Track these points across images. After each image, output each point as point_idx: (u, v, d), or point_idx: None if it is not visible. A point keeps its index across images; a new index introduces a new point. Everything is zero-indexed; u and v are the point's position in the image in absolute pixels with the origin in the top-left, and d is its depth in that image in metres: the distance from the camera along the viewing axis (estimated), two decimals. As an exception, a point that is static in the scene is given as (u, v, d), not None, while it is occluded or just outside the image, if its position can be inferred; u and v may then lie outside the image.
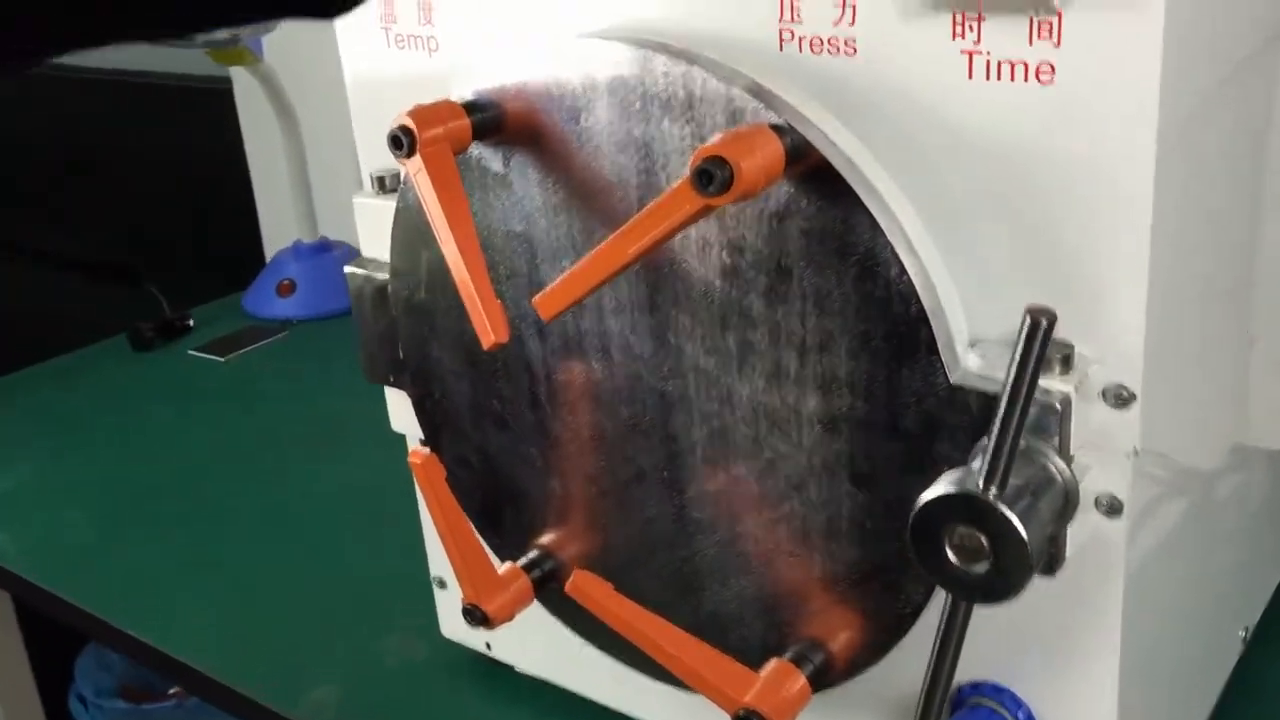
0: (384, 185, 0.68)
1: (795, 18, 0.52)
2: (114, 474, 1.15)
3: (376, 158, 0.70)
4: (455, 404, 0.67)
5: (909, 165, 0.51)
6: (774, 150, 0.49)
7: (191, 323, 1.48)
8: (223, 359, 1.40)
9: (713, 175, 0.47)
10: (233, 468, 1.14)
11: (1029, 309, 0.45)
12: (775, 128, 0.50)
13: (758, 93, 0.51)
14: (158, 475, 1.14)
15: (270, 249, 1.69)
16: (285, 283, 1.51)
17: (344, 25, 0.67)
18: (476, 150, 0.60)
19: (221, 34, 1.20)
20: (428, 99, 0.66)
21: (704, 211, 0.48)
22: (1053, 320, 0.45)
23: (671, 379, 0.58)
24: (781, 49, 0.53)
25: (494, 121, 0.59)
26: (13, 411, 1.30)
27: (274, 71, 1.33)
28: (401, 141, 0.56)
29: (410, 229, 0.64)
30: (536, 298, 0.54)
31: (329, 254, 1.54)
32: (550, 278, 0.59)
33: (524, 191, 0.59)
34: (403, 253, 0.66)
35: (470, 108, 0.58)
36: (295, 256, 1.53)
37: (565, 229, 0.59)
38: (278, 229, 1.65)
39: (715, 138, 0.48)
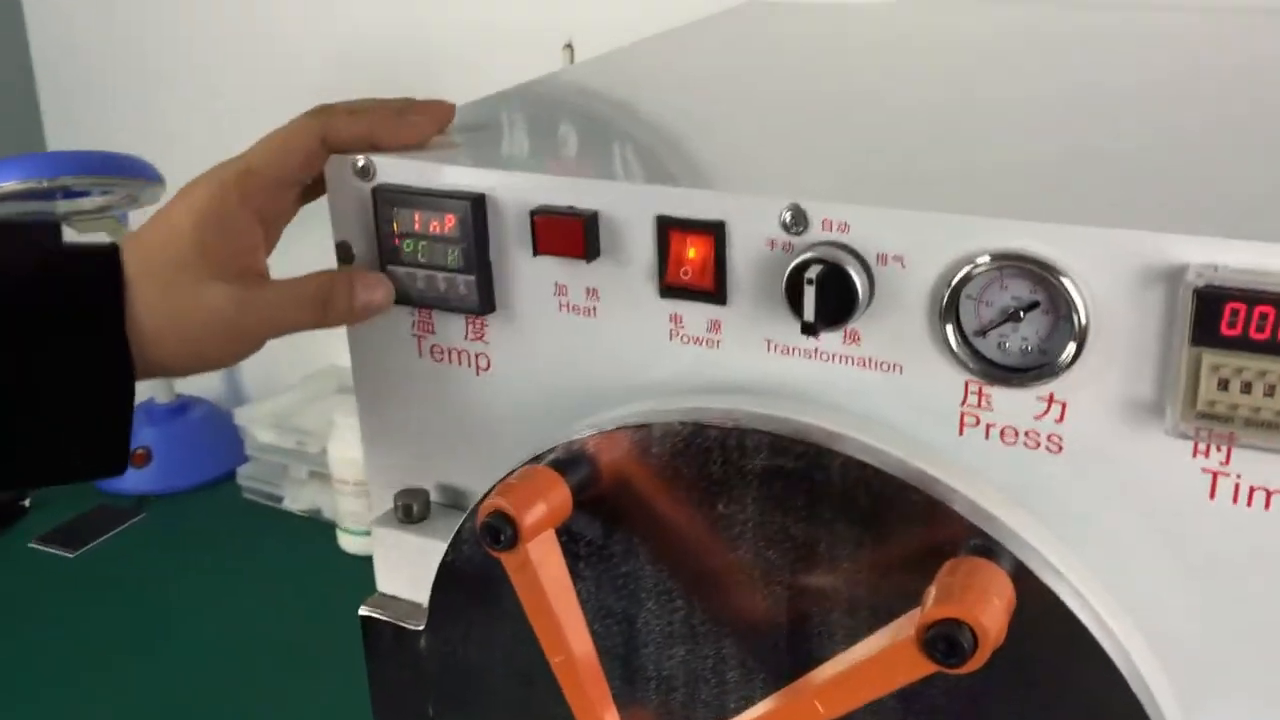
0: (410, 514, 0.57)
1: (984, 404, 0.45)
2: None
3: (396, 475, 0.58)
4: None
5: (1131, 584, 0.44)
6: (1007, 598, 0.41)
7: (28, 503, 1.29)
8: (71, 554, 1.22)
9: (954, 643, 0.39)
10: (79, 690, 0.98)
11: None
12: (983, 549, 0.42)
13: (955, 500, 0.44)
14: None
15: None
16: (139, 452, 1.33)
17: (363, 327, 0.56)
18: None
19: (88, 204, 1.04)
20: (474, 424, 0.56)
21: (932, 675, 0.40)
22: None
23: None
24: (962, 433, 0.45)
25: (593, 488, 0.49)
26: None
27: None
28: (500, 533, 0.46)
29: (465, 584, 0.54)
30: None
31: (188, 415, 1.38)
32: (658, 666, 0.50)
33: (629, 568, 0.50)
34: (449, 608, 0.55)
35: (563, 467, 0.49)
36: (149, 419, 1.36)
37: (682, 616, 0.49)
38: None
39: (940, 591, 0.40)
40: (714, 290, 0.48)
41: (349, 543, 1.21)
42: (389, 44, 1.29)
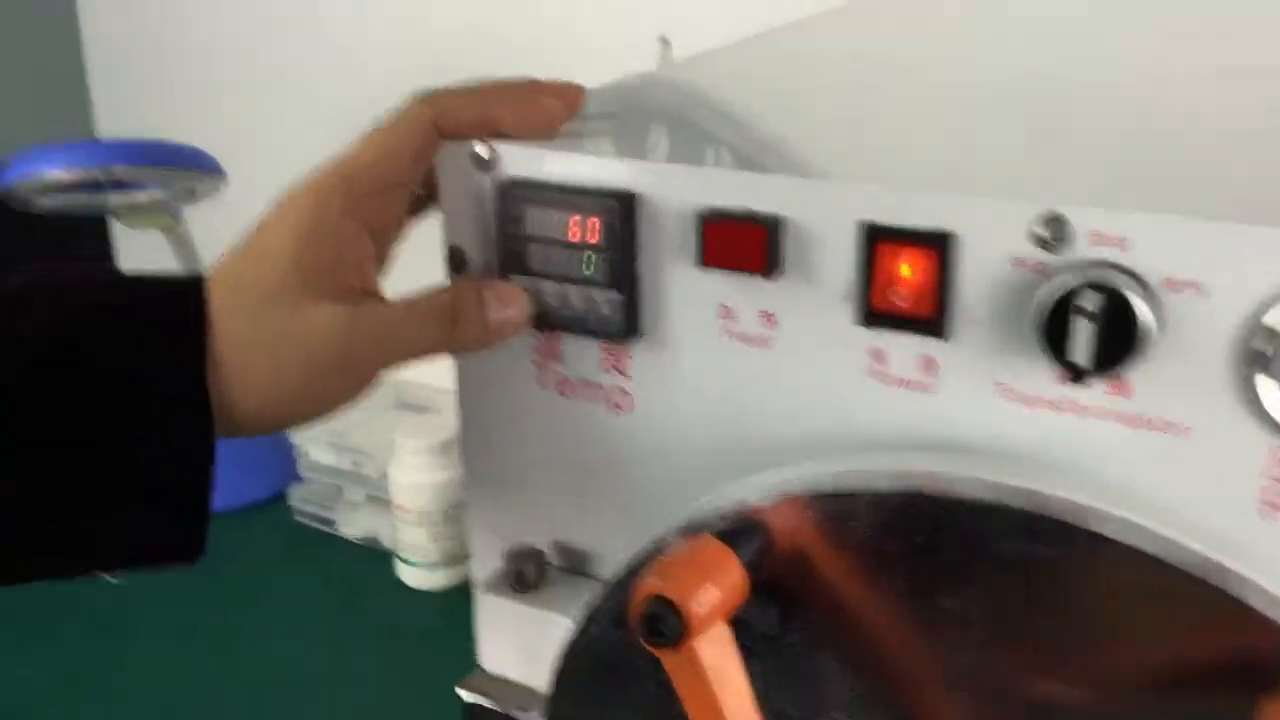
0: (523, 580, 0.47)
1: (1299, 476, 0.34)
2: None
3: (505, 530, 0.49)
4: None
5: None
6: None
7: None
8: (112, 575, 1.13)
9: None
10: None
11: None
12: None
13: (1262, 600, 0.33)
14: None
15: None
16: (184, 468, 1.25)
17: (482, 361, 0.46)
18: (727, 591, 0.40)
19: (142, 198, 0.96)
20: (607, 475, 0.46)
21: None
22: None
23: None
24: (1270, 516, 0.35)
25: (769, 565, 0.39)
26: None
27: (189, 234, 1.08)
28: (662, 625, 0.36)
29: (597, 672, 0.44)
30: None
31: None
32: (843, 790, 0.40)
33: (812, 668, 0.40)
34: (576, 699, 0.45)
35: (734, 538, 0.39)
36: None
37: (882, 731, 0.39)
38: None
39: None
40: (933, 319, 0.38)
41: (409, 575, 1.11)
42: (463, 35, 1.20)
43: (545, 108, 0.45)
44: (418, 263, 0.49)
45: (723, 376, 0.42)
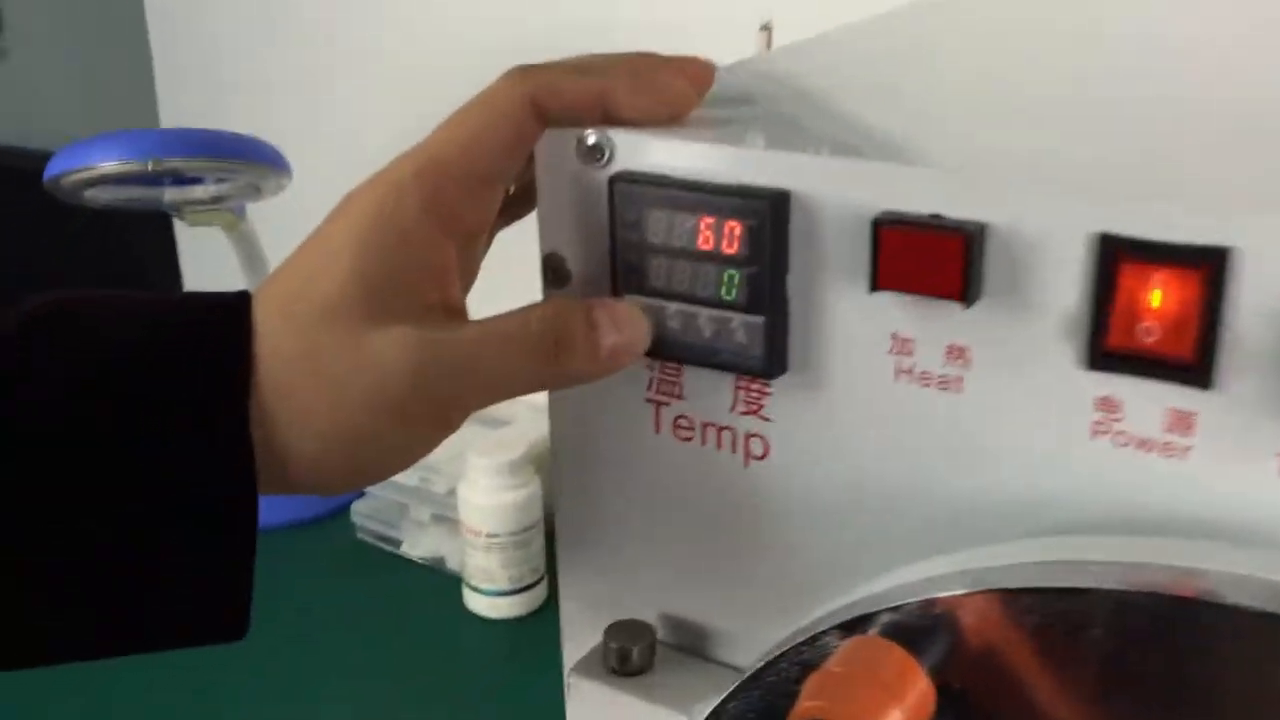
0: (627, 662, 0.39)
1: None
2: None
3: (604, 598, 0.40)
4: None
5: None
6: None
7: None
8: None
9: None
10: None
11: None
12: None
13: None
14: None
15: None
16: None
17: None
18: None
19: (200, 193, 0.88)
20: (734, 538, 0.37)
21: None
22: None
23: None
24: None
25: (955, 671, 0.30)
26: None
27: (253, 233, 1.01)
28: (830, 763, 0.27)
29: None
30: None
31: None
32: None
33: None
34: (692, 823, 0.36)
35: (914, 639, 0.30)
36: (255, 442, 1.21)
37: None
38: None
39: None
40: (1192, 363, 0.29)
41: (477, 603, 1.03)
42: (544, 20, 1.12)
43: (670, 87, 0.36)
44: (507, 276, 0.41)
45: (893, 426, 0.33)
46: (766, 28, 0.95)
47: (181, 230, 1.37)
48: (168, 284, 1.37)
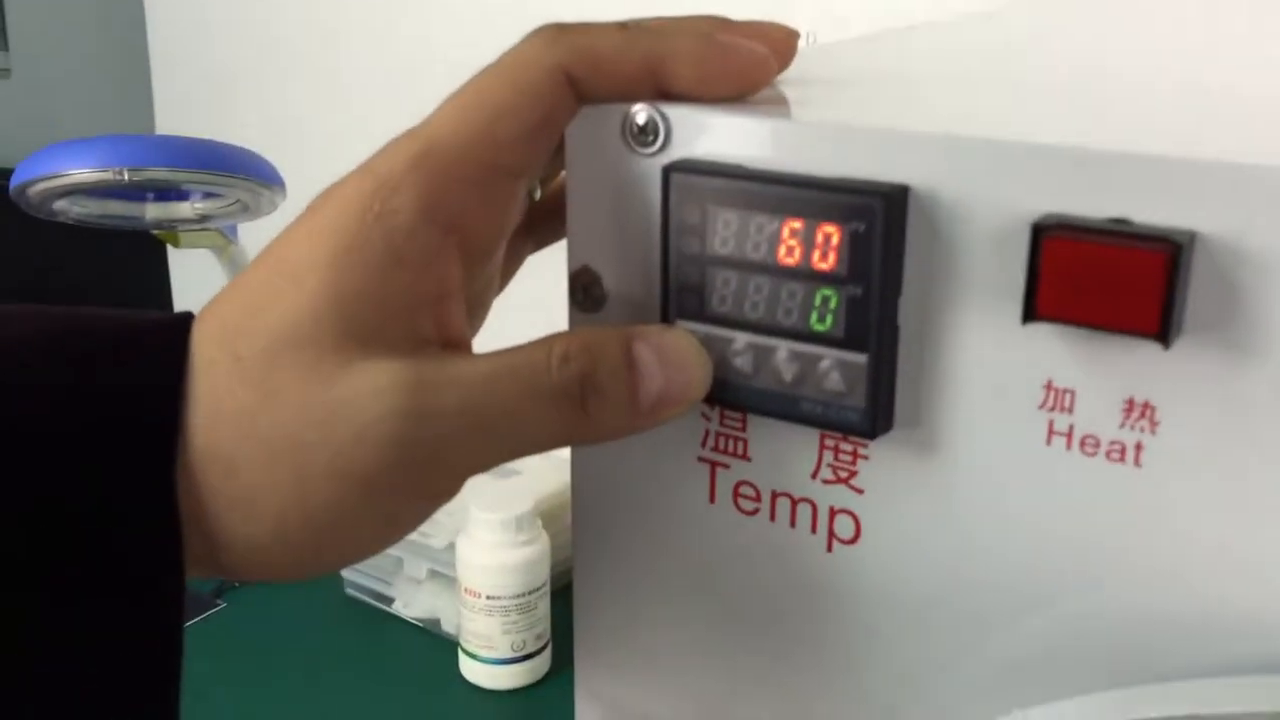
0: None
1: None
2: None
3: (630, 700, 0.31)
4: None
5: None
6: None
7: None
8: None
9: None
10: None
11: None
12: None
13: None
14: None
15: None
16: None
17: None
18: None
19: (186, 210, 0.80)
20: (808, 634, 0.29)
21: None
22: None
23: None
24: None
25: None
26: None
27: (246, 257, 0.93)
28: None
29: None
30: None
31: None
32: None
33: None
34: None
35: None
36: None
37: None
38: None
39: None
40: None
41: (475, 671, 0.94)
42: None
43: (744, 52, 0.28)
44: (520, 295, 0.33)
45: (1039, 510, 0.25)
46: (810, 37, 0.88)
47: (174, 253, 1.30)
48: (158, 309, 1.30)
